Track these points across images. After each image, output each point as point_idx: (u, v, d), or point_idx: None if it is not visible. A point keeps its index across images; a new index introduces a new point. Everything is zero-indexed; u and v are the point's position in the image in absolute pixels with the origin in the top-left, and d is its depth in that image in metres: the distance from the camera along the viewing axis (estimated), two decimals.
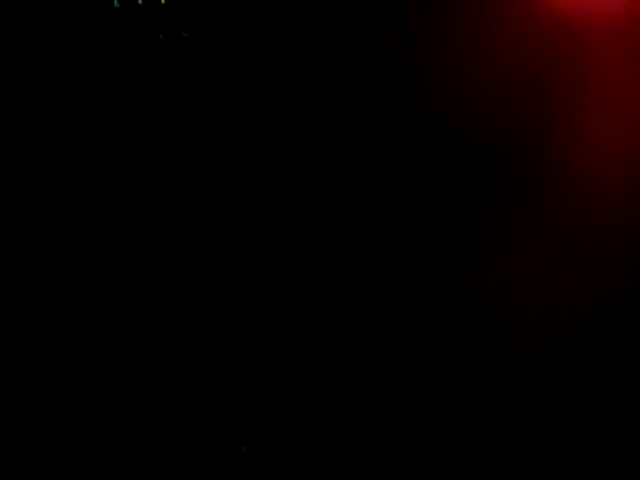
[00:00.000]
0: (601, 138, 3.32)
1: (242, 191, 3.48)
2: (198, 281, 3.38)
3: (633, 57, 3.35)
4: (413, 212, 3.40)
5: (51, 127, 3.47)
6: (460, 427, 3.01)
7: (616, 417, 2.97)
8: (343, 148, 3.48)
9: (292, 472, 3.01)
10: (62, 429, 3.11)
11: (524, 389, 3.06)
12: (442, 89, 3.45)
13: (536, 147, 3.38)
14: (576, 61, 3.39)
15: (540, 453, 2.93)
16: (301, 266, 3.38)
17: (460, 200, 3.39)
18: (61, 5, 3.49)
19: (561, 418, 2.99)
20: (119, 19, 3.52)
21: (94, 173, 3.46)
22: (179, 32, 3.46)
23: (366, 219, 3.41)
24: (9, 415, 3.13)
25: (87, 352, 3.26)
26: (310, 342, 3.26)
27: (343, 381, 3.16)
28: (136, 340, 3.29)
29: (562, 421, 2.99)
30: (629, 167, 3.29)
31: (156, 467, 3.04)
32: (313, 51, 3.51)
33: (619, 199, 3.27)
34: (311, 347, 3.25)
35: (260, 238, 3.42)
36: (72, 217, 3.42)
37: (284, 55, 3.52)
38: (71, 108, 3.49)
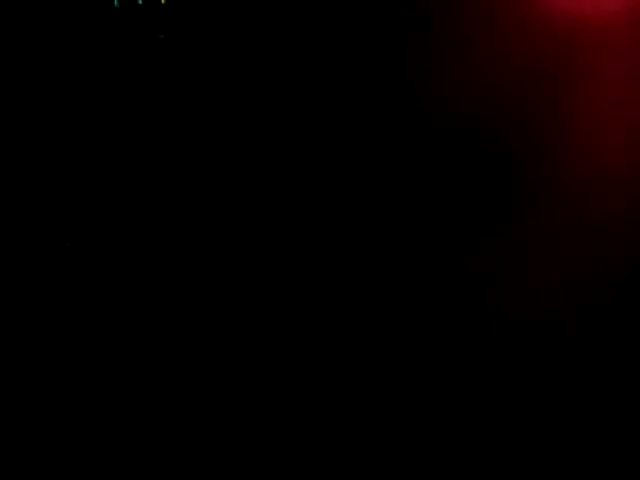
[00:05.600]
0: (603, 137, 3.33)
1: (242, 190, 3.49)
2: (198, 281, 3.39)
3: (634, 56, 3.36)
4: (417, 210, 3.41)
5: (51, 126, 3.48)
6: (460, 421, 3.01)
7: (615, 410, 2.97)
8: (349, 146, 3.48)
9: (292, 472, 3.00)
10: (62, 429, 3.11)
11: (523, 383, 3.06)
12: (443, 89, 3.46)
13: (538, 145, 3.39)
14: (578, 60, 3.39)
15: (541, 449, 2.93)
16: (302, 260, 3.38)
17: (464, 197, 3.40)
18: (61, 5, 3.50)
19: (560, 412, 3.00)
20: (119, 19, 3.53)
21: (94, 172, 3.47)
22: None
23: (371, 215, 3.41)
24: (9, 415, 3.13)
25: (87, 351, 3.26)
26: (311, 335, 3.26)
27: (344, 374, 3.16)
28: (136, 339, 3.29)
29: (560, 414, 2.99)
30: (630, 165, 3.31)
31: (156, 467, 3.04)
32: (314, 50, 3.52)
33: (620, 196, 3.29)
34: (312, 340, 3.25)
35: (261, 236, 3.43)
36: (72, 216, 3.43)
37: (288, 55, 3.53)
38: (71, 107, 3.49)
